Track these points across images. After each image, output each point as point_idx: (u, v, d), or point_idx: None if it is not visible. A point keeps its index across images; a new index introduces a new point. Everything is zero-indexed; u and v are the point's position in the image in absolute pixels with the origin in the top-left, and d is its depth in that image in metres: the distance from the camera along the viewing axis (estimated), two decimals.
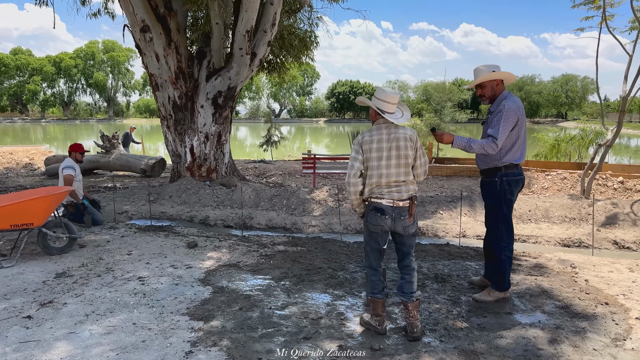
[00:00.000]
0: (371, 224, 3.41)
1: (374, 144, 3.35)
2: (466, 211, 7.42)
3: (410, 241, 3.46)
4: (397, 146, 3.33)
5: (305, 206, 7.91)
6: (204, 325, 3.59)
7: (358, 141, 3.44)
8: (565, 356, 3.15)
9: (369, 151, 3.37)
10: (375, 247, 3.48)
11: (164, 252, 5.54)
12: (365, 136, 3.40)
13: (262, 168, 12.47)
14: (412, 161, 3.38)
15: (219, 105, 9.49)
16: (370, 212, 3.42)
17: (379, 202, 3.36)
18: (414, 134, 3.42)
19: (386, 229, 3.38)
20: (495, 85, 3.98)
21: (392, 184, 3.34)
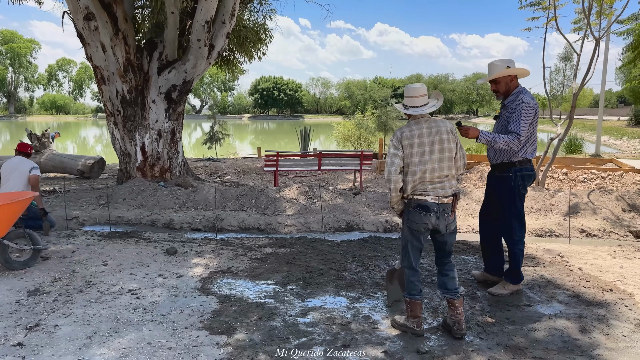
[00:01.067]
0: (414, 222, 3.28)
1: (414, 139, 3.23)
2: None
3: (452, 239, 3.38)
4: (440, 140, 3.23)
5: (277, 205, 7.63)
6: (228, 339, 3.29)
7: (397, 137, 3.30)
8: (602, 344, 3.23)
9: (409, 147, 3.23)
10: (416, 246, 3.36)
11: (144, 261, 5.07)
12: (405, 131, 3.27)
13: (214, 166, 11.94)
14: (454, 154, 3.30)
15: (173, 100, 8.91)
16: (413, 209, 3.29)
17: (424, 199, 3.25)
18: (454, 126, 3.34)
19: (430, 226, 3.27)
20: (509, 81, 4.01)
21: (435, 180, 3.24)
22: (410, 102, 3.29)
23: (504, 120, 3.96)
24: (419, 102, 3.27)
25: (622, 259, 5.10)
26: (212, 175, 11.19)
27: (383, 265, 4.92)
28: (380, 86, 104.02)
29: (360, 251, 5.48)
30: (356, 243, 5.86)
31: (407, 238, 3.37)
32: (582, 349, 3.17)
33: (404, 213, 3.40)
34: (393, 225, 6.87)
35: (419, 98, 3.26)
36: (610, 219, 6.85)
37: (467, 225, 6.78)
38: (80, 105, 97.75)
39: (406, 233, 3.38)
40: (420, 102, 3.27)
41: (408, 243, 3.37)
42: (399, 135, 3.29)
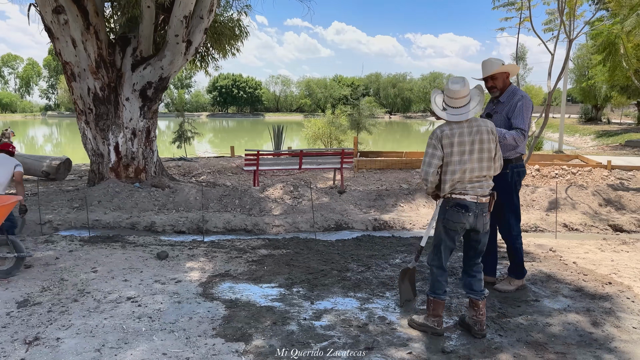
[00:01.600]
0: (452, 221, 3.23)
1: (455, 137, 3.17)
2: (423, 203, 7.60)
3: (485, 239, 3.35)
4: (480, 140, 3.19)
5: (262, 205, 7.49)
6: (247, 346, 3.17)
7: (437, 136, 3.22)
8: (616, 337, 3.31)
9: (449, 145, 3.18)
10: (450, 246, 3.32)
11: (136, 266, 4.84)
12: (445, 130, 3.21)
13: (187, 166, 11.60)
14: (494, 155, 3.27)
15: (148, 98, 8.59)
16: (451, 208, 3.24)
17: (463, 198, 3.20)
18: (494, 126, 3.31)
19: (467, 226, 3.23)
20: (505, 78, 4.05)
21: (474, 180, 3.21)
22: (450, 103, 3.23)
23: (502, 115, 3.97)
24: (460, 103, 3.21)
25: (610, 252, 5.27)
26: (186, 176, 10.88)
27: (384, 265, 4.90)
28: (340, 84, 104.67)
29: (357, 250, 5.43)
30: (351, 242, 5.81)
31: (442, 237, 3.32)
32: (599, 342, 3.24)
33: (439, 212, 3.35)
34: (382, 223, 6.87)
35: (459, 99, 3.20)
36: (589, 213, 7.10)
37: None
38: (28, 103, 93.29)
39: (441, 233, 3.32)
40: (461, 103, 3.21)
41: (442, 243, 3.32)
42: (438, 134, 3.22)
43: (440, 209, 3.36)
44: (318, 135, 18.54)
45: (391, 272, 4.68)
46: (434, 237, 3.41)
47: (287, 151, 9.52)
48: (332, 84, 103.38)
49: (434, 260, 3.38)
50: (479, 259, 3.38)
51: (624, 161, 11.29)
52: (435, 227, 3.42)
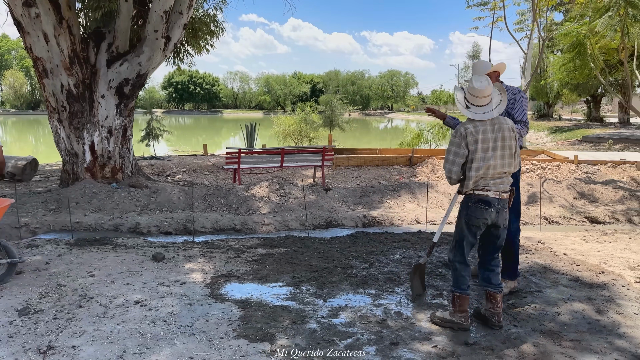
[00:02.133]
0: (475, 217, 3.30)
1: (479, 135, 3.24)
2: (409, 199, 7.73)
3: (504, 234, 3.44)
4: (502, 137, 3.27)
5: (249, 204, 7.41)
6: (272, 346, 3.15)
7: (461, 133, 3.28)
8: (622, 323, 3.49)
9: (474, 142, 3.24)
10: (472, 242, 3.39)
11: (134, 269, 4.70)
12: (469, 127, 3.26)
13: (160, 165, 11.31)
14: (514, 152, 3.36)
15: (125, 95, 8.32)
16: (474, 204, 3.31)
17: (486, 194, 3.28)
18: (514, 124, 3.40)
19: (489, 222, 3.31)
20: (497, 77, 4.18)
21: (496, 176, 3.29)
22: (473, 101, 3.29)
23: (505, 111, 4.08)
24: (483, 102, 3.28)
25: (594, 243, 5.54)
26: (160, 175, 10.61)
27: (386, 261, 4.96)
28: (299, 81, 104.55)
29: (354, 247, 5.48)
30: (347, 239, 5.85)
31: (464, 233, 3.38)
32: (607, 329, 3.41)
33: (462, 208, 3.41)
34: (371, 220, 6.94)
35: (483, 98, 3.27)
36: (566, 206, 7.42)
37: (439, 217, 7.01)
38: None
39: (463, 229, 3.39)
40: (484, 102, 3.28)
41: (464, 239, 3.38)
42: (462, 132, 3.27)
43: (462, 205, 3.42)
44: (288, 132, 18.49)
45: (394, 267, 4.75)
46: (456, 234, 3.47)
47: (269, 149, 9.46)
48: (291, 81, 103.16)
49: (456, 256, 3.44)
50: (497, 253, 3.48)
51: (588, 156, 11.86)
52: (456, 223, 3.49)
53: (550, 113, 50.35)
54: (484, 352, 3.09)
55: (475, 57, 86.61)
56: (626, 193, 7.65)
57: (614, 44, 8.94)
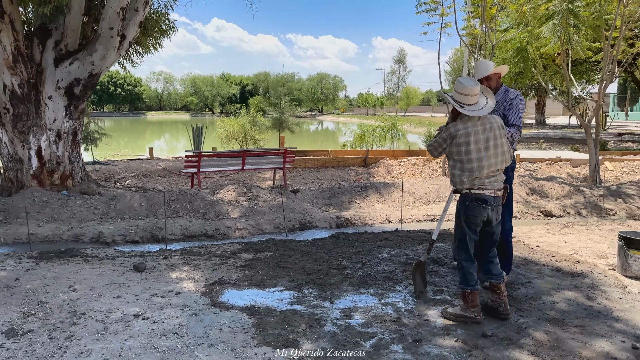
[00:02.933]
0: (473, 215, 3.43)
1: (470, 136, 3.36)
2: (377, 199, 7.87)
3: (499, 229, 3.60)
4: (493, 136, 3.41)
5: (217, 209, 7.19)
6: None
7: (450, 132, 3.40)
8: (613, 308, 3.78)
9: (465, 144, 3.35)
10: (474, 238, 3.51)
11: (117, 281, 4.42)
12: (460, 129, 3.38)
13: (105, 170, 10.65)
14: (505, 149, 3.51)
15: (76, 96, 7.78)
16: (471, 203, 3.43)
17: (481, 192, 3.41)
18: (502, 121, 3.55)
19: (485, 219, 3.45)
20: (498, 78, 4.39)
21: (490, 174, 3.43)
22: (465, 100, 3.41)
23: (498, 113, 4.25)
24: (474, 100, 3.41)
25: (559, 236, 5.95)
26: (108, 180, 10.02)
27: (376, 260, 5.02)
28: (228, 83, 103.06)
29: (340, 248, 5.49)
30: (329, 241, 5.85)
31: (465, 232, 3.50)
32: (602, 313, 3.68)
33: (459, 207, 3.52)
34: (344, 220, 6.99)
35: (473, 97, 3.40)
36: (521, 201, 7.90)
37: (409, 216, 7.21)
38: None
39: (463, 227, 3.50)
40: (475, 100, 3.41)
41: (466, 237, 3.50)
42: (452, 131, 3.39)
43: (459, 204, 3.54)
44: (232, 135, 18.14)
45: (387, 266, 4.82)
46: (457, 233, 3.58)
47: (230, 151, 9.22)
48: (219, 82, 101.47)
49: (461, 254, 3.55)
50: (494, 246, 3.63)
51: (527, 154, 12.68)
52: (456, 224, 3.60)
53: None
54: (504, 343, 3.22)
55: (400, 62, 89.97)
56: (571, 188, 8.28)
57: (551, 50, 9.63)
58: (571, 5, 7.98)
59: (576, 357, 3.03)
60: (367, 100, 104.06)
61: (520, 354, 3.09)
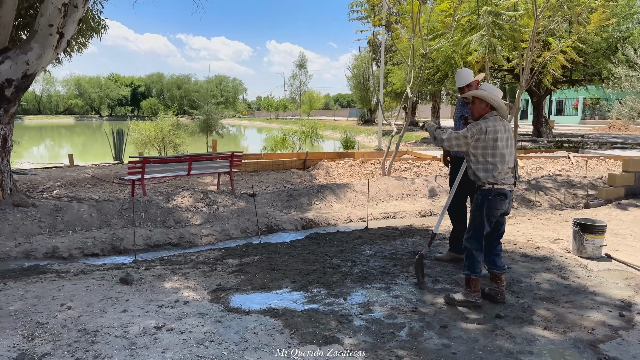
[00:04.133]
0: (495, 208, 3.76)
1: (498, 133, 3.71)
2: (334, 200, 8.08)
3: (505, 222, 3.98)
4: (510, 136, 3.80)
5: (176, 216, 6.93)
6: (345, 347, 3.21)
7: (480, 129, 3.70)
8: (586, 284, 4.36)
9: (493, 140, 3.70)
10: (488, 230, 3.84)
11: (112, 295, 4.16)
12: (490, 126, 3.71)
13: (27, 180, 9.63)
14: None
15: (6, 99, 7.02)
16: (494, 197, 3.76)
17: (503, 187, 3.76)
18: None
19: (503, 211, 3.81)
20: (476, 85, 4.84)
21: (508, 170, 3.80)
22: (498, 99, 3.76)
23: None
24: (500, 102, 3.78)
25: (509, 226, 6.60)
26: (33, 191, 9.10)
27: (363, 257, 5.23)
28: (117, 84, 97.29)
29: (321, 248, 5.63)
30: (307, 242, 5.96)
31: (483, 224, 3.81)
32: (581, 290, 4.23)
33: (482, 201, 3.81)
34: (308, 222, 7.12)
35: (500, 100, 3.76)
36: None
37: (379, 212, 7.52)
38: None
39: (483, 220, 3.81)
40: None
41: (483, 228, 3.82)
42: (483, 128, 3.71)
43: (481, 198, 3.84)
44: (148, 140, 17.28)
45: (376, 262, 5.05)
46: (475, 225, 3.88)
47: (176, 156, 8.84)
48: (108, 84, 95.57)
49: (473, 244, 3.88)
50: (501, 238, 4.02)
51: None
52: (474, 216, 3.91)
53: (372, 119, 55.57)
54: (518, 321, 3.61)
55: (302, 67, 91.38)
56: None
57: (473, 59, 10.59)
58: (496, 19, 8.86)
59: (581, 328, 3.49)
60: (270, 103, 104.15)
61: (536, 329, 3.49)
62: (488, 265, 4.03)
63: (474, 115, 3.94)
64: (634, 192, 8.36)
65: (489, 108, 3.86)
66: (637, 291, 4.20)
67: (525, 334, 3.40)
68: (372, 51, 47.88)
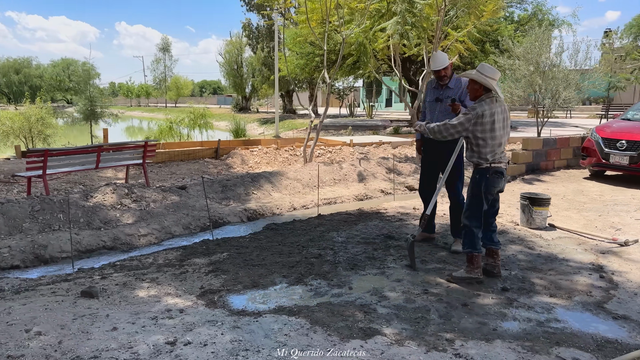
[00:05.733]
0: (493, 186, 3.87)
1: (495, 115, 3.80)
2: (270, 188, 7.73)
3: (499, 199, 4.12)
4: (506, 117, 3.91)
5: (102, 216, 6.04)
6: (388, 338, 3.09)
7: (477, 114, 3.75)
8: (553, 252, 4.76)
9: (490, 123, 3.77)
10: (485, 208, 3.94)
11: (82, 313, 3.48)
12: (486, 109, 3.77)
13: None
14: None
15: None
16: (492, 175, 3.86)
17: (499, 166, 3.88)
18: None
19: (499, 188, 3.93)
20: (451, 67, 4.95)
21: (504, 150, 3.92)
22: (494, 84, 3.81)
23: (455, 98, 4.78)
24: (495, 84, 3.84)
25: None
26: None
27: (338, 244, 5.08)
28: None
29: (288, 239, 5.36)
30: (270, 234, 5.63)
31: (481, 202, 3.91)
32: (552, 258, 4.61)
33: (479, 180, 3.89)
34: (253, 212, 6.73)
35: (495, 81, 3.83)
36: (388, 179, 8.86)
37: (309, 201, 7.37)
38: None
39: (481, 198, 3.90)
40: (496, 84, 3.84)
41: (482, 206, 3.92)
42: (479, 112, 3.76)
43: (479, 177, 3.93)
44: (11, 130, 14.88)
45: (354, 248, 4.94)
46: (474, 203, 3.97)
47: (83, 147, 7.63)
48: None
49: (475, 222, 3.98)
50: (495, 216, 4.18)
51: (358, 140, 13.99)
52: (473, 194, 3.99)
53: (248, 106, 54.80)
54: (525, 292, 3.81)
55: (165, 50, 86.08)
56: (416, 166, 9.64)
57: (377, 46, 10.93)
58: (410, 7, 9.21)
59: (579, 292, 3.81)
60: (130, 90, 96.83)
61: (543, 297, 3.71)
62: (484, 242, 4.17)
63: (471, 96, 4.02)
64: (533, 168, 9.40)
65: (482, 89, 3.95)
66: (596, 254, 4.71)
67: (540, 303, 3.59)
68: (247, 37, 47.09)
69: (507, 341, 3.02)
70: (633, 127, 8.42)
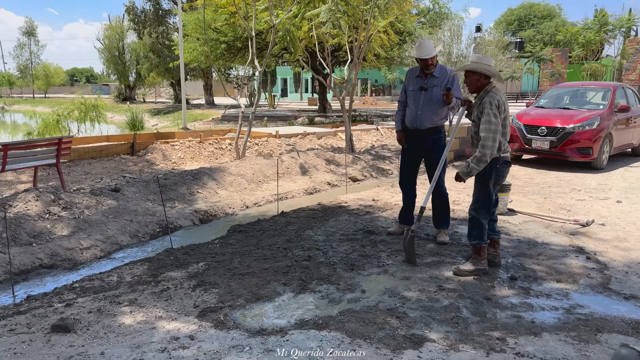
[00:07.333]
0: (502, 176, 3.84)
1: (506, 104, 3.75)
2: (215, 186, 7.08)
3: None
4: (508, 107, 3.87)
5: (28, 229, 5.03)
6: (437, 344, 2.91)
7: (496, 104, 3.67)
8: (530, 237, 4.93)
9: (505, 111, 3.73)
10: (493, 199, 3.90)
11: (65, 354, 2.82)
12: (502, 98, 3.71)
13: None
14: None
15: None
16: (501, 165, 3.81)
17: (507, 155, 3.84)
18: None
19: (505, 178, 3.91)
20: (436, 56, 4.84)
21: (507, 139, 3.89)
22: (491, 68, 3.73)
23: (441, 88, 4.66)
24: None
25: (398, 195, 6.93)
26: None
27: (322, 245, 4.76)
28: None
29: (263, 242, 4.91)
30: (239, 237, 5.12)
31: (491, 193, 3.86)
32: (534, 243, 4.76)
33: (490, 171, 3.81)
34: (204, 213, 6.13)
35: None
36: (330, 172, 8.67)
37: (261, 198, 6.92)
38: None
39: (490, 189, 3.85)
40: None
41: (491, 197, 3.87)
42: (497, 102, 3.68)
43: (490, 168, 3.83)
44: None
45: (342, 247, 4.67)
46: (483, 195, 3.89)
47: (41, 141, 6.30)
48: None
49: (484, 213, 3.93)
50: (497, 205, 4.17)
51: (284, 131, 13.47)
52: (482, 186, 3.91)
53: (132, 96, 51.10)
54: (532, 279, 3.86)
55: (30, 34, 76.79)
56: (352, 156, 9.58)
57: (301, 34, 10.65)
58: None
59: (580, 275, 3.95)
60: None
61: (552, 283, 3.79)
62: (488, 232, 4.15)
63: (471, 88, 3.95)
64: (460, 155, 9.83)
65: (483, 78, 3.90)
66: (568, 236, 4.97)
67: (554, 290, 3.66)
68: (132, 20, 43.56)
69: (553, 334, 3.00)
70: (549, 114, 9.15)
